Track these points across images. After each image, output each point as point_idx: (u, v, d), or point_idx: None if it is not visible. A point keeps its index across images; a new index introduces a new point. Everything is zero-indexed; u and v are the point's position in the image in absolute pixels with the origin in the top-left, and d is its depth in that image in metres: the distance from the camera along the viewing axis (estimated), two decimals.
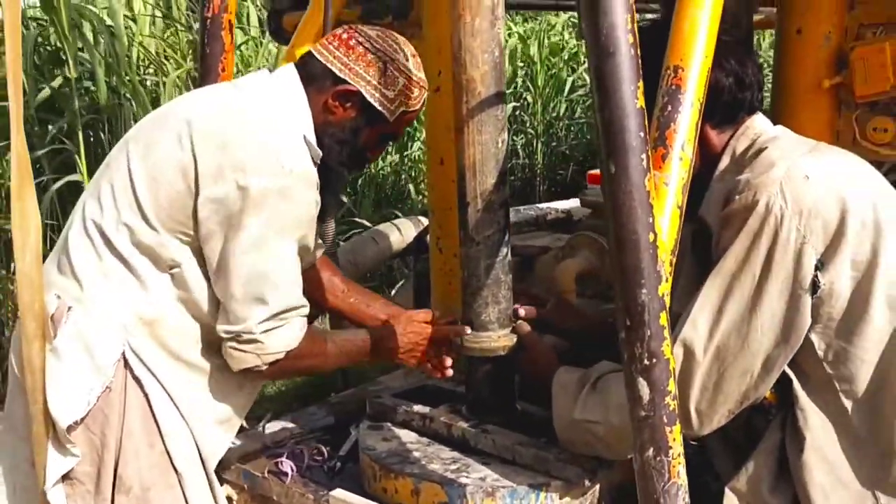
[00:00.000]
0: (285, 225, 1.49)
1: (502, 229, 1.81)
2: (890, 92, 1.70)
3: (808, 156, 1.47)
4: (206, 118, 1.50)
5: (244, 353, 1.54)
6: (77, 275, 1.51)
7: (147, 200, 1.48)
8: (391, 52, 1.62)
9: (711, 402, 1.47)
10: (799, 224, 1.38)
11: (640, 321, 1.25)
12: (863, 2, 1.76)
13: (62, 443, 1.44)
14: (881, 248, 1.38)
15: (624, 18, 1.22)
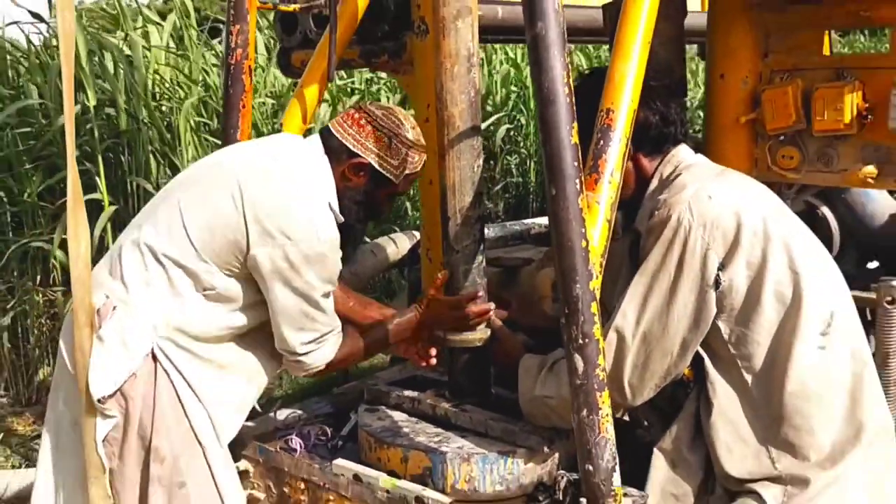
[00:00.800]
0: (318, 280, 1.87)
1: (478, 241, 2.16)
2: (793, 126, 2.05)
3: (714, 180, 1.82)
4: (255, 186, 1.86)
5: (294, 367, 2.00)
6: (125, 280, 1.86)
7: (199, 241, 1.84)
8: (394, 128, 1.97)
9: (641, 378, 1.82)
10: (703, 234, 1.73)
11: (575, 310, 1.60)
12: (772, 52, 2.12)
13: (101, 410, 1.80)
14: (769, 253, 1.73)
15: (561, 74, 1.59)
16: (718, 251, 1.73)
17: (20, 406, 4.87)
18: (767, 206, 1.81)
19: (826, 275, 1.83)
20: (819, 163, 2.08)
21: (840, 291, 1.85)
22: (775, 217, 1.78)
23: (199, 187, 1.94)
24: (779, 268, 1.73)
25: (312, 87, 2.44)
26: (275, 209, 1.85)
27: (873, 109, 1.95)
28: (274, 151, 2.02)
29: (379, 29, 2.79)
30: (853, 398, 1.76)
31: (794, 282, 1.75)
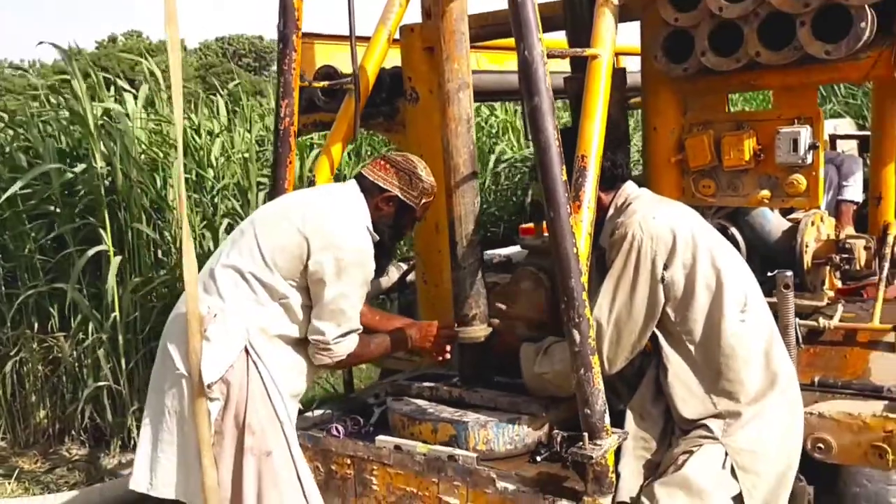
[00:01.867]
0: (358, 281, 2.48)
1: (479, 259, 2.81)
2: (709, 164, 2.75)
3: (656, 206, 2.51)
4: (312, 216, 2.47)
5: (321, 356, 2.53)
6: (221, 295, 2.43)
7: (270, 259, 2.43)
8: (412, 169, 2.63)
9: (615, 352, 2.46)
10: (651, 245, 2.39)
11: (571, 297, 2.24)
12: (690, 110, 2.84)
13: (207, 394, 2.33)
14: (698, 256, 2.39)
15: (553, 133, 2.25)
16: (662, 256, 2.39)
17: (20, 447, 5.18)
18: (694, 223, 2.49)
19: (739, 270, 2.51)
20: (729, 190, 2.78)
21: (750, 281, 2.52)
22: (700, 230, 2.47)
23: (270, 220, 2.54)
24: (705, 266, 2.39)
25: (337, 145, 3.06)
26: (328, 230, 2.46)
27: (765, 150, 2.65)
28: (324, 192, 2.67)
29: (377, 97, 3.44)
30: (767, 356, 2.40)
31: (717, 275, 2.40)
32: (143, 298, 5.06)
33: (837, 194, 4.69)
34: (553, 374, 2.54)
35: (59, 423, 5.18)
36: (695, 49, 2.62)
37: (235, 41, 51.53)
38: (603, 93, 2.52)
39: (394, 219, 2.65)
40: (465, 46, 2.68)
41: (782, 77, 2.61)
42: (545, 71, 2.24)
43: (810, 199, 2.63)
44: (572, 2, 2.93)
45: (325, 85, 3.20)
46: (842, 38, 2.34)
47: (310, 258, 2.43)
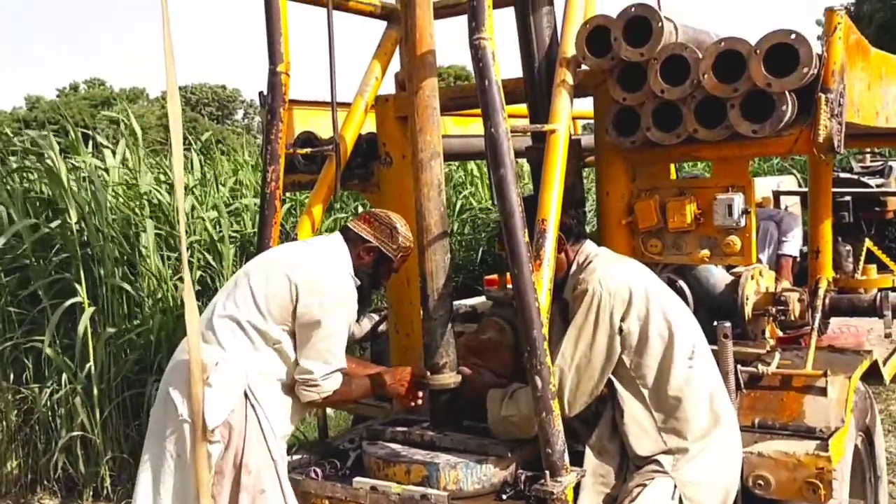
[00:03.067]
0: (342, 321, 2.71)
1: (448, 311, 3.04)
2: (656, 225, 3.04)
3: (614, 264, 2.79)
4: (301, 267, 2.71)
5: (309, 392, 2.73)
6: (221, 343, 2.63)
7: (263, 306, 2.65)
8: (392, 224, 2.91)
9: (575, 396, 2.70)
10: (609, 300, 2.65)
11: (533, 346, 2.49)
12: (638, 177, 3.14)
13: (208, 438, 2.53)
14: (651, 309, 2.67)
15: (517, 200, 2.53)
16: (619, 310, 2.65)
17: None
18: (648, 279, 2.78)
19: (687, 321, 2.78)
20: (674, 249, 3.06)
21: (697, 332, 2.79)
22: (653, 286, 2.75)
23: (261, 271, 2.77)
24: (658, 318, 2.66)
25: (318, 206, 3.32)
26: (314, 277, 2.71)
27: (704, 214, 2.95)
28: (310, 243, 2.95)
29: (353, 160, 3.70)
30: (711, 398, 2.67)
31: (668, 326, 2.66)
32: (116, 349, 5.19)
33: (778, 249, 5.06)
34: (519, 417, 2.77)
35: (31, 472, 5.24)
36: (641, 125, 2.93)
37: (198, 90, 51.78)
38: (560, 163, 2.82)
39: (373, 268, 2.91)
40: (436, 119, 2.95)
41: (717, 150, 2.93)
42: (509, 146, 2.53)
43: (745, 258, 2.94)
44: (532, 80, 3.25)
45: (308, 152, 3.46)
46: (767, 118, 2.67)
47: (298, 302, 2.66)
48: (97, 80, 51.07)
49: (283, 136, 3.06)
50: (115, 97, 47.65)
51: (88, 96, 47.22)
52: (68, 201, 5.12)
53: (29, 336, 5.20)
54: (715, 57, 2.71)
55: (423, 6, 2.83)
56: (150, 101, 49.31)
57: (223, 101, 51.93)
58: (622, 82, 2.95)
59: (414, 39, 2.85)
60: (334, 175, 3.28)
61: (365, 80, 3.58)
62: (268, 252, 2.94)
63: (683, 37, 2.90)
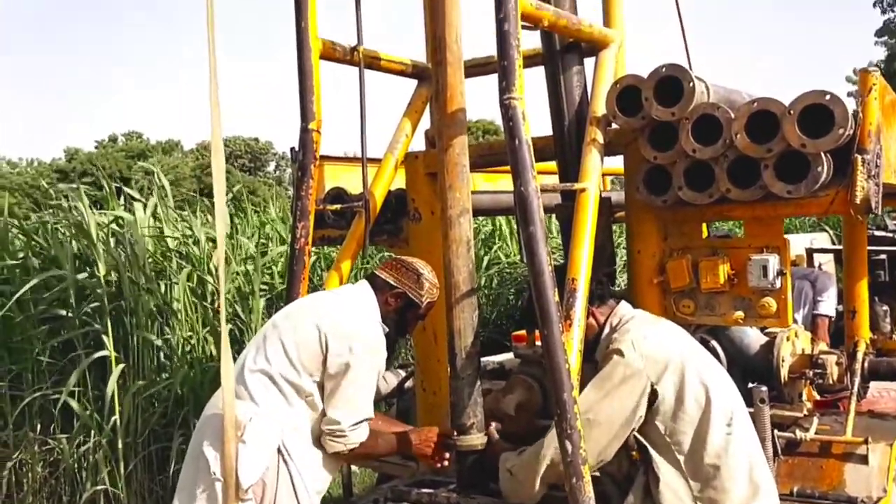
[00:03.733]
0: (370, 370, 2.68)
1: (476, 370, 3.00)
2: (688, 285, 3.00)
3: (648, 326, 2.72)
4: (329, 316, 2.71)
5: (336, 443, 2.69)
6: (254, 399, 2.61)
7: (295, 357, 2.63)
8: (419, 270, 2.90)
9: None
10: (641, 363, 2.60)
11: (564, 409, 2.44)
12: (670, 236, 3.11)
13: (241, 497, 2.49)
14: (686, 374, 2.59)
15: (546, 258, 2.50)
16: (651, 374, 2.58)
17: None
18: (684, 342, 2.71)
19: (726, 385, 2.70)
20: (707, 309, 3.01)
21: (735, 397, 2.70)
22: (690, 350, 2.68)
23: (289, 322, 2.76)
24: (694, 383, 2.58)
25: (346, 261, 3.32)
26: (343, 324, 2.70)
27: (738, 274, 2.90)
28: (337, 292, 2.96)
29: (382, 216, 3.71)
30: (750, 467, 2.57)
31: (705, 392, 2.58)
32: (144, 402, 5.19)
33: (813, 308, 4.95)
34: (517, 465, 2.67)
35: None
36: (672, 184, 2.91)
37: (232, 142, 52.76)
38: (590, 222, 2.80)
39: (400, 314, 2.90)
40: (465, 176, 2.95)
41: (751, 210, 2.89)
42: (539, 204, 2.52)
43: (781, 320, 2.87)
44: (562, 138, 3.25)
45: (338, 208, 3.48)
46: (802, 179, 2.64)
47: (328, 351, 2.65)
48: (135, 133, 52.29)
49: (314, 193, 3.08)
50: (151, 149, 48.77)
51: (125, 148, 48.34)
52: (97, 254, 5.19)
53: (57, 387, 5.22)
54: (748, 117, 2.69)
55: (455, 66, 2.86)
56: (184, 152, 50.39)
57: (256, 153, 52.85)
58: (653, 141, 2.94)
59: (445, 98, 2.87)
60: (363, 230, 3.28)
61: (395, 137, 3.61)
62: (295, 303, 2.94)
63: (715, 96, 2.88)
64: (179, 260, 5.86)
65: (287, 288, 3.11)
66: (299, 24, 3.01)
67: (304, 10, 3.01)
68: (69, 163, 43.07)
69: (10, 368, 5.38)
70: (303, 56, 3.03)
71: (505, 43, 2.58)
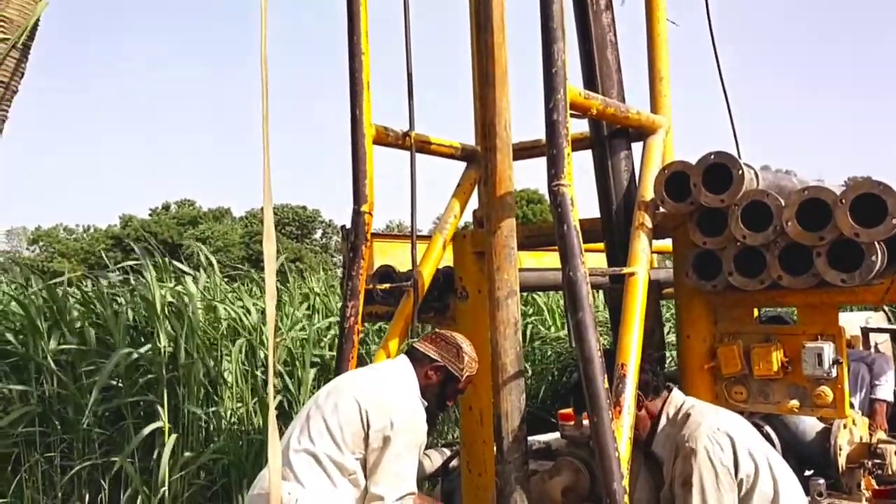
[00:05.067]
0: (412, 445, 2.68)
1: (523, 454, 2.98)
2: (740, 371, 2.96)
3: (715, 416, 2.67)
4: (370, 392, 2.74)
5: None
6: (299, 480, 2.62)
7: (338, 435, 2.65)
8: (459, 344, 2.93)
9: None
10: (723, 454, 2.53)
11: (614, 498, 2.40)
12: (721, 321, 3.09)
13: None
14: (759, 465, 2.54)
15: (595, 345, 2.50)
16: (730, 466, 2.54)
17: None
18: (749, 431, 2.68)
19: (791, 478, 2.64)
20: (760, 397, 2.95)
21: (798, 489, 2.65)
22: (757, 439, 2.65)
23: (330, 400, 2.77)
24: (765, 475, 2.55)
25: (394, 340, 3.35)
26: (384, 400, 2.72)
27: (792, 361, 2.86)
28: (376, 368, 2.99)
29: (430, 294, 3.74)
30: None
31: (773, 485, 2.55)
32: (190, 474, 5.21)
33: (870, 393, 4.80)
34: None
35: None
36: (722, 269, 2.89)
37: (280, 210, 53.85)
38: (640, 306, 2.79)
39: (440, 388, 2.91)
40: (513, 258, 2.98)
41: (804, 297, 2.86)
42: (588, 290, 2.53)
43: (837, 410, 2.80)
44: (610, 221, 3.28)
45: (387, 287, 3.53)
46: (856, 267, 2.61)
47: (370, 427, 2.66)
48: (187, 201, 53.83)
49: (364, 273, 3.14)
50: (202, 216, 50.04)
51: (178, 215, 49.73)
52: (159, 326, 5.31)
53: (106, 457, 5.28)
54: (798, 205, 2.69)
55: (504, 151, 2.92)
56: (234, 219, 51.58)
57: (303, 220, 53.86)
58: (702, 226, 2.94)
59: (494, 182, 2.93)
60: (411, 309, 3.32)
61: (444, 217, 3.67)
62: (336, 380, 2.96)
63: (764, 183, 2.89)
64: (232, 330, 5.95)
65: (336, 366, 3.15)
66: (354, 111, 3.13)
67: (360, 97, 3.13)
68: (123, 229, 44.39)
69: (63, 438, 5.46)
70: (357, 141, 3.13)
71: (554, 132, 2.64)
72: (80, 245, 43.66)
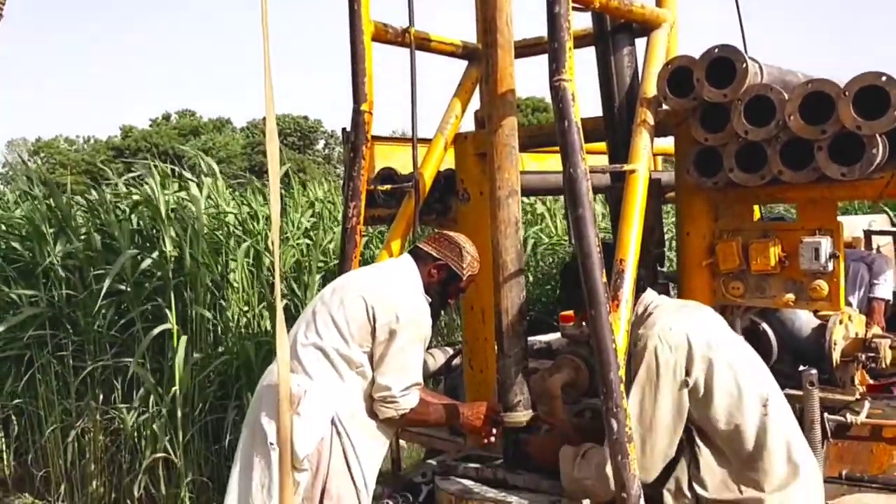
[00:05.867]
0: (416, 339, 2.76)
1: (523, 349, 3.05)
2: (738, 267, 2.98)
3: (674, 315, 2.66)
4: (375, 288, 2.80)
5: (387, 409, 2.77)
6: (307, 372, 2.71)
7: (345, 329, 2.72)
8: (462, 244, 2.98)
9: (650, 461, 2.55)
10: (670, 353, 2.54)
11: (610, 388, 2.47)
12: (721, 217, 3.10)
13: (297, 466, 2.58)
14: (715, 360, 2.54)
15: (595, 240, 2.53)
16: (681, 363, 2.55)
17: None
18: (710, 329, 2.66)
19: (758, 369, 2.66)
20: (757, 292, 2.99)
21: (769, 379, 2.67)
22: (716, 336, 2.63)
23: (336, 297, 2.84)
24: (722, 371, 2.55)
25: (396, 241, 3.38)
26: (388, 295, 2.79)
27: (789, 256, 2.87)
28: (380, 266, 3.07)
29: (431, 196, 3.76)
30: (788, 448, 2.55)
31: (734, 378, 2.55)
32: (200, 374, 5.36)
33: (869, 292, 4.87)
34: (593, 481, 2.66)
35: (115, 492, 5.43)
36: (723, 165, 2.89)
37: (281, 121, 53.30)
38: (640, 203, 2.80)
39: (442, 286, 2.98)
40: (514, 157, 2.98)
41: (804, 192, 2.86)
42: (588, 186, 2.54)
43: (832, 304, 2.84)
44: (612, 119, 3.25)
45: (389, 188, 3.54)
46: (856, 161, 2.60)
47: (375, 321, 2.74)
48: (188, 111, 53.24)
49: (366, 173, 3.14)
50: (203, 126, 49.62)
51: (178, 126, 49.28)
52: (164, 231, 5.35)
53: (118, 359, 5.42)
54: (802, 98, 2.66)
55: (505, 47, 2.88)
56: (235, 130, 51.15)
57: (305, 131, 53.35)
58: (704, 122, 2.92)
59: (495, 79, 2.90)
60: (413, 210, 3.34)
61: (445, 118, 3.65)
62: (341, 278, 3.02)
63: (768, 77, 2.85)
64: (238, 235, 6.00)
65: (339, 266, 3.19)
66: (352, 6, 3.06)
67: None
68: (124, 140, 44.11)
69: (73, 340, 5.59)
70: (355, 39, 3.08)
71: (555, 25, 2.59)
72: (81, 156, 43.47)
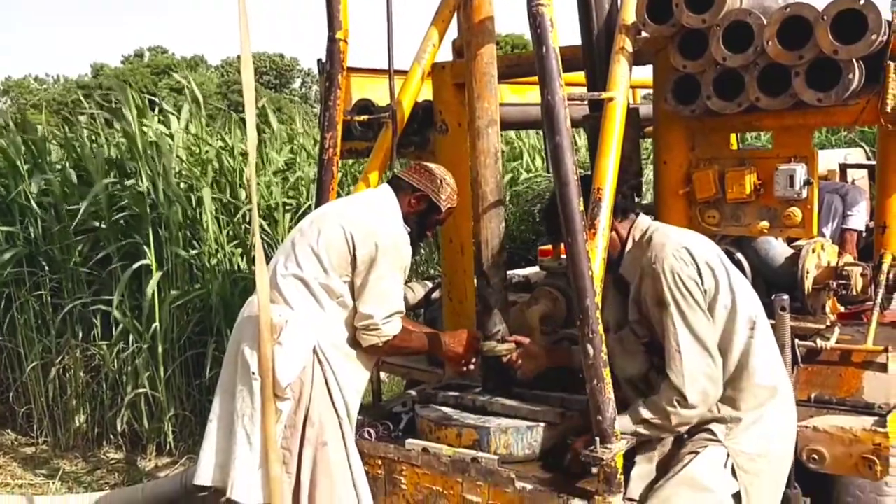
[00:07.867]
0: (397, 265, 2.76)
1: (502, 279, 3.07)
2: (714, 196, 3.00)
3: (677, 234, 2.70)
4: (354, 217, 2.78)
5: (370, 336, 2.78)
6: (288, 302, 2.71)
7: (325, 259, 2.71)
8: (441, 175, 2.95)
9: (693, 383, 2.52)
10: (690, 270, 2.55)
11: (586, 315, 2.49)
12: (697, 146, 3.10)
13: (279, 395, 2.61)
14: (719, 279, 2.57)
15: (572, 168, 2.52)
16: (696, 277, 2.57)
17: (60, 450, 5.47)
18: (711, 250, 2.71)
19: (748, 292, 2.72)
20: (732, 220, 3.02)
21: (757, 303, 2.72)
22: (717, 257, 2.69)
23: (315, 227, 2.83)
24: (724, 289, 2.60)
25: (374, 173, 3.36)
26: (368, 224, 2.78)
27: (764, 184, 2.90)
28: (359, 195, 3.05)
29: (409, 128, 3.72)
30: (770, 370, 2.62)
31: (732, 298, 2.61)
32: (179, 311, 5.36)
33: (842, 223, 4.93)
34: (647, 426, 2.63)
35: (97, 427, 5.48)
36: (701, 93, 2.88)
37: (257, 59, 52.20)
38: (617, 132, 2.79)
39: (421, 216, 2.97)
40: (493, 86, 2.95)
41: (780, 120, 2.86)
42: (566, 114, 2.52)
43: (806, 230, 2.88)
44: (591, 48, 3.21)
45: (365, 119, 3.50)
46: (833, 86, 2.60)
47: (355, 250, 2.73)
48: (160, 48, 51.99)
49: (342, 103, 3.10)
50: (177, 65, 48.52)
51: (151, 64, 48.14)
52: (141, 165, 5.27)
53: (97, 296, 5.39)
54: (780, 23, 2.64)
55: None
56: (209, 68, 50.08)
57: (281, 69, 52.37)
58: (683, 49, 2.90)
59: (472, 6, 2.85)
60: (390, 142, 3.31)
61: (422, 47, 3.59)
62: (319, 208, 3.00)
63: (748, 2, 2.82)
64: (213, 173, 5.93)
65: (316, 198, 3.17)
66: None
67: None
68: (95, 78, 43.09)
69: (51, 278, 5.55)
70: None
71: None
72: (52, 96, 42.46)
